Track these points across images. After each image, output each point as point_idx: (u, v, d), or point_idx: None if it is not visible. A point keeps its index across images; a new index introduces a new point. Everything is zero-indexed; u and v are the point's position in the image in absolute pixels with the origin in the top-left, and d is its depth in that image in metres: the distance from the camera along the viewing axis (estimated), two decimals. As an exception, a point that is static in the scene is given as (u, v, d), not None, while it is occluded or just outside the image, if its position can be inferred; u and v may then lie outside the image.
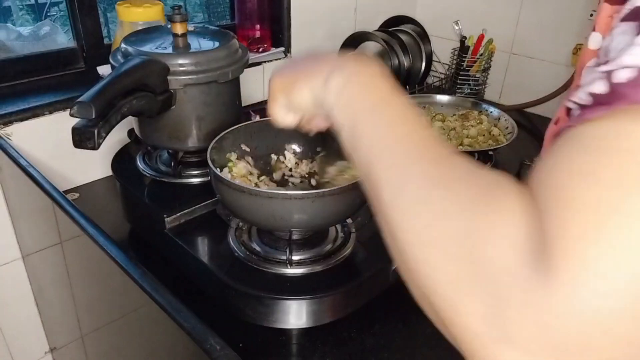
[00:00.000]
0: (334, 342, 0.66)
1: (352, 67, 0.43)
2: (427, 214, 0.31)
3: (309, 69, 0.46)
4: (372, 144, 0.37)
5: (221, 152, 0.76)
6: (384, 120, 0.38)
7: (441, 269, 0.29)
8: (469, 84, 1.36)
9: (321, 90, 0.44)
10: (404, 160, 0.34)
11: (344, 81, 0.42)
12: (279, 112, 0.52)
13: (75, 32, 1.05)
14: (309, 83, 0.46)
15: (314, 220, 0.66)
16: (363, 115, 0.39)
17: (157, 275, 0.61)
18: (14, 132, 0.91)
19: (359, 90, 0.41)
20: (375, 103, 0.39)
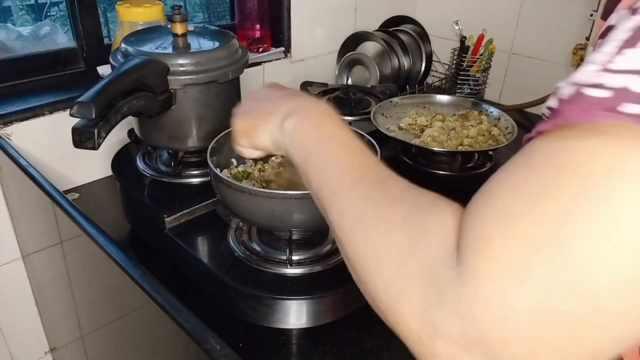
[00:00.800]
0: (334, 342, 0.66)
1: (302, 109, 0.48)
2: (364, 230, 0.35)
3: (266, 112, 0.51)
4: (319, 175, 0.42)
5: (221, 152, 0.76)
6: (329, 153, 0.43)
7: (379, 277, 0.33)
8: (469, 84, 1.35)
9: (278, 134, 0.48)
10: (344, 186, 0.39)
11: (295, 123, 0.47)
12: (243, 150, 0.56)
13: (75, 32, 1.05)
14: (266, 128, 0.50)
15: (314, 220, 0.66)
16: (311, 151, 0.44)
17: (157, 275, 0.61)
18: (14, 132, 0.91)
19: (308, 130, 0.46)
20: (321, 139, 0.44)
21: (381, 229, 0.34)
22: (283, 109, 0.49)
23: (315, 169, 0.43)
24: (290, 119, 0.47)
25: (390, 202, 0.35)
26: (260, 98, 0.54)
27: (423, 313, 0.29)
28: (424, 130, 1.05)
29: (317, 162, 0.43)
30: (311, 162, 0.43)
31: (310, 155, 0.44)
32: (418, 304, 0.29)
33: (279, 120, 0.48)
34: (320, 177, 0.42)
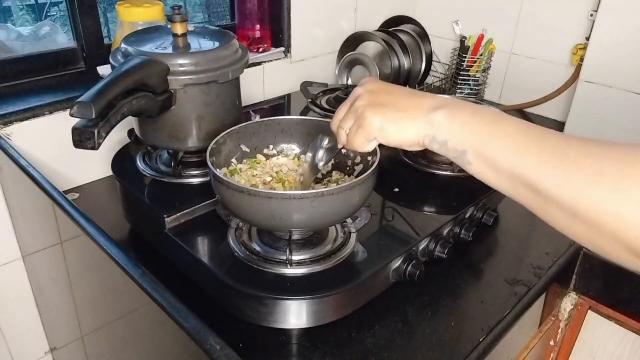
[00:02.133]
0: (334, 342, 0.66)
1: (448, 104, 0.49)
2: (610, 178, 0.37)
3: (407, 107, 0.51)
4: (510, 153, 0.43)
5: (221, 152, 0.76)
6: (510, 131, 0.44)
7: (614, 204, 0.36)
8: (469, 84, 1.36)
9: (428, 129, 0.49)
10: (554, 151, 0.41)
11: (448, 116, 0.48)
12: (363, 144, 0.56)
13: (75, 32, 1.05)
14: (413, 124, 0.50)
15: (313, 220, 0.66)
16: (485, 136, 0.45)
17: (157, 275, 0.61)
18: (14, 132, 0.91)
19: (467, 119, 0.47)
20: (491, 122, 0.45)
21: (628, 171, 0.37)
22: (425, 104, 0.50)
23: (500, 147, 0.44)
24: (440, 112, 0.48)
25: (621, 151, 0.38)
26: (385, 92, 0.54)
27: None
28: None
29: (500, 141, 0.44)
30: (491, 143, 0.44)
31: (487, 139, 0.45)
32: None
33: (424, 114, 0.49)
34: (511, 153, 0.43)
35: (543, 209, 0.42)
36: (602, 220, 0.38)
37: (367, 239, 0.75)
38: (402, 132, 0.51)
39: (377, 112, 0.53)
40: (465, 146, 0.46)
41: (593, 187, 0.38)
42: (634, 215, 0.36)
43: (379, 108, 0.53)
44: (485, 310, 0.74)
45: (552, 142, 0.41)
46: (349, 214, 0.71)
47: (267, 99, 1.30)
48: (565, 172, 0.39)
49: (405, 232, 0.79)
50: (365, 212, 0.79)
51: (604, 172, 0.37)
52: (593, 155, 0.39)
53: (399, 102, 0.52)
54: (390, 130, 0.52)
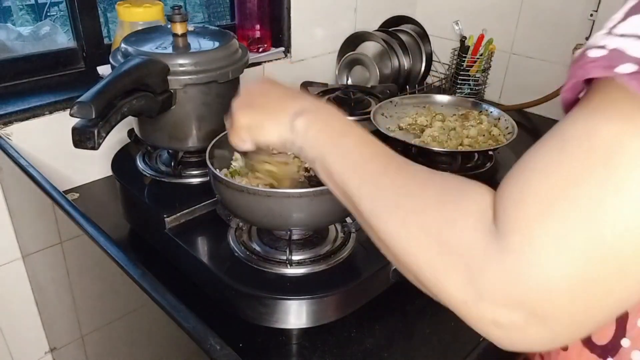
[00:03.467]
0: (334, 342, 0.66)
1: (312, 110, 0.50)
2: (401, 216, 0.38)
3: (273, 109, 0.52)
4: (342, 169, 0.44)
5: (221, 152, 0.76)
6: (348, 147, 0.45)
7: (421, 255, 0.36)
8: (469, 84, 1.35)
9: (288, 132, 0.50)
10: (372, 176, 0.42)
11: (307, 122, 0.49)
12: (240, 144, 0.57)
13: (75, 32, 1.05)
14: (274, 125, 0.52)
15: (313, 218, 0.66)
16: (329, 148, 0.46)
17: (157, 275, 0.61)
18: (14, 132, 0.91)
19: (322, 127, 0.48)
20: (338, 135, 0.47)
21: (417, 212, 0.37)
22: (291, 108, 0.51)
23: (335, 163, 0.45)
24: (301, 118, 0.49)
25: (421, 187, 0.39)
26: (260, 94, 0.55)
27: (468, 283, 0.32)
28: (424, 130, 1.05)
29: (336, 157, 0.45)
30: (330, 157, 0.45)
31: (329, 151, 0.46)
32: (462, 276, 0.33)
33: (288, 118, 0.50)
34: (342, 170, 0.44)
35: (366, 229, 0.43)
36: (389, 246, 0.39)
37: (367, 238, 0.74)
38: (267, 135, 0.52)
39: (245, 114, 0.55)
40: (315, 155, 0.47)
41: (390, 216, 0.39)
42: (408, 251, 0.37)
43: (247, 110, 0.55)
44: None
45: (376, 165, 0.42)
46: (349, 213, 0.71)
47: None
48: (374, 198, 0.40)
49: (405, 232, 0.79)
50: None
51: (400, 203, 0.38)
52: (400, 186, 0.39)
53: (268, 105, 0.53)
54: (255, 132, 0.54)
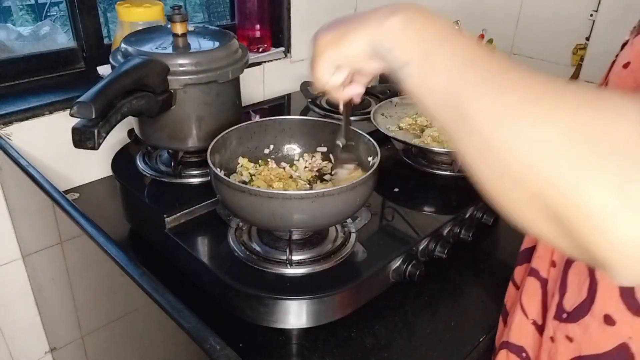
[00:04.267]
0: (334, 342, 0.66)
1: (409, 9, 0.43)
2: (532, 113, 0.32)
3: (360, 19, 0.46)
4: (453, 67, 0.37)
5: (221, 152, 0.76)
6: (460, 45, 0.38)
7: (562, 157, 0.30)
8: (469, 84, 1.35)
9: (378, 34, 0.43)
10: (496, 72, 0.35)
11: (404, 20, 0.42)
12: (325, 71, 0.49)
13: (75, 32, 1.05)
14: (364, 30, 0.45)
15: (314, 220, 0.66)
16: (436, 44, 0.39)
17: (157, 275, 0.61)
18: (14, 132, 0.91)
19: (424, 25, 0.41)
20: (446, 33, 0.40)
21: (559, 109, 0.31)
22: (381, 12, 0.44)
23: (444, 60, 0.38)
24: (395, 17, 0.42)
25: (557, 87, 0.33)
26: (347, 16, 0.48)
27: (617, 185, 0.28)
28: (424, 130, 1.05)
29: (445, 54, 0.38)
30: (435, 56, 0.39)
31: (434, 50, 0.39)
32: (614, 178, 0.28)
33: (378, 20, 0.43)
34: (454, 69, 0.37)
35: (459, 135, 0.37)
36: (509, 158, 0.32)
37: (367, 239, 0.75)
38: (352, 43, 0.46)
39: (326, 34, 0.49)
40: (410, 55, 0.41)
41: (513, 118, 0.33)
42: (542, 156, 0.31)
43: (328, 30, 0.49)
44: (485, 310, 0.74)
45: (497, 63, 0.36)
46: (350, 214, 0.71)
47: (267, 99, 1.30)
48: (497, 94, 0.34)
49: (405, 232, 0.79)
50: (365, 212, 0.79)
51: (533, 100, 0.32)
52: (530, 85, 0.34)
53: (354, 17, 0.47)
54: (339, 45, 0.47)
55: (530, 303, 0.56)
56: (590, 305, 0.47)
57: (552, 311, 0.51)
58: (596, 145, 0.29)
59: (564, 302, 0.50)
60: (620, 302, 0.45)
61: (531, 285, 0.56)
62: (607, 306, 0.46)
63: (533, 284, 0.56)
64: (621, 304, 0.45)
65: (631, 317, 0.44)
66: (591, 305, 0.47)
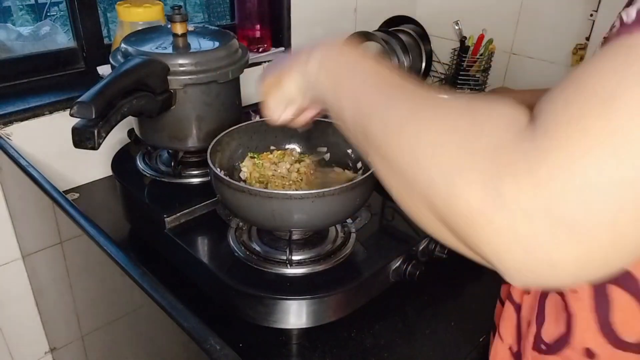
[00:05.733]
0: (334, 342, 0.66)
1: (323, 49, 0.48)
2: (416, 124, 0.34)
3: (293, 60, 0.51)
4: (354, 94, 0.41)
5: (221, 152, 0.76)
6: (361, 73, 0.42)
7: (435, 163, 0.31)
8: (469, 84, 1.35)
9: (304, 77, 0.49)
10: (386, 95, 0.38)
11: (318, 60, 0.47)
12: (275, 109, 0.55)
13: (75, 32, 1.05)
14: (292, 75, 0.51)
15: (314, 220, 0.66)
16: (341, 77, 0.44)
17: (157, 275, 0.61)
18: (14, 132, 0.91)
19: (335, 59, 0.46)
20: (353, 62, 0.44)
21: (438, 117, 0.33)
22: (304, 55, 0.49)
23: (348, 90, 0.42)
24: (313, 60, 0.48)
25: (442, 100, 0.35)
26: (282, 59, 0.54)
27: (490, 186, 0.28)
28: None
29: (349, 83, 0.43)
30: (343, 86, 0.43)
31: (341, 81, 0.44)
32: (482, 176, 0.28)
33: (302, 64, 0.49)
34: (355, 96, 0.41)
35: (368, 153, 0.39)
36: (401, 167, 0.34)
37: (367, 239, 0.75)
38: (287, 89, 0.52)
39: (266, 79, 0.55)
40: (327, 88, 0.45)
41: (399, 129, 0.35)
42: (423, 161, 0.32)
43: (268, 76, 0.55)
44: (485, 310, 0.74)
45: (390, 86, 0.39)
46: (350, 214, 0.71)
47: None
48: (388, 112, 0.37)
49: (405, 232, 0.79)
50: (365, 212, 0.79)
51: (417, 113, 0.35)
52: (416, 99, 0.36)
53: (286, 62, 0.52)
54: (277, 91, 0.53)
55: (506, 327, 0.54)
56: (568, 338, 0.46)
57: (530, 342, 0.50)
58: (466, 149, 0.30)
59: (542, 333, 0.49)
60: (599, 336, 0.44)
61: (508, 309, 0.54)
62: (586, 339, 0.45)
63: (509, 308, 0.54)
64: (600, 337, 0.44)
65: (612, 349, 0.43)
66: (569, 338, 0.46)
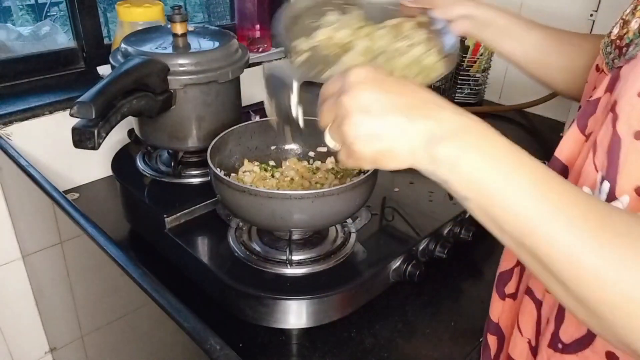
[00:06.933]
0: (334, 342, 0.66)
1: (457, 132, 0.38)
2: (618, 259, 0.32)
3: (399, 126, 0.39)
4: (521, 214, 0.35)
5: (221, 152, 0.76)
6: (522, 187, 0.36)
7: None
8: (469, 84, 1.35)
9: (427, 162, 0.38)
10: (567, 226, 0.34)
11: (454, 152, 0.37)
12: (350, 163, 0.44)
13: (75, 32, 1.05)
14: (407, 152, 0.39)
15: (314, 220, 0.66)
16: (494, 188, 0.36)
17: (157, 275, 0.61)
18: (14, 132, 0.91)
19: (478, 160, 0.37)
20: (506, 170, 0.36)
21: None
22: (427, 124, 0.38)
23: (510, 207, 0.36)
24: (445, 145, 0.37)
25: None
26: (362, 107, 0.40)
27: None
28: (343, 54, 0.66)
29: (510, 199, 0.36)
30: (501, 200, 0.36)
31: (496, 193, 0.36)
32: None
33: (424, 142, 0.38)
34: (521, 218, 0.35)
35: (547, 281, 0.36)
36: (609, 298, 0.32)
37: (367, 239, 0.75)
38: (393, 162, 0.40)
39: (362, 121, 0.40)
40: (471, 195, 0.37)
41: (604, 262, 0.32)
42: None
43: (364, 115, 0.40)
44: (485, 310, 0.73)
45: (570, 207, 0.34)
46: (350, 214, 0.71)
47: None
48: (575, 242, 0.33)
49: (405, 232, 0.79)
50: (365, 212, 0.79)
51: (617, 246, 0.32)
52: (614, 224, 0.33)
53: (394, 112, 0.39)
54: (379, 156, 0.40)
55: (526, 322, 0.54)
56: (591, 340, 0.46)
57: (546, 339, 0.50)
58: None
59: (560, 333, 0.48)
60: None
61: (528, 304, 0.54)
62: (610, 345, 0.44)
63: (529, 304, 0.54)
64: None
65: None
66: (592, 340, 0.46)
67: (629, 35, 0.47)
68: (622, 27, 0.49)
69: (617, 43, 0.49)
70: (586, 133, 0.48)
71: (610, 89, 0.45)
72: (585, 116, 0.48)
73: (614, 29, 0.51)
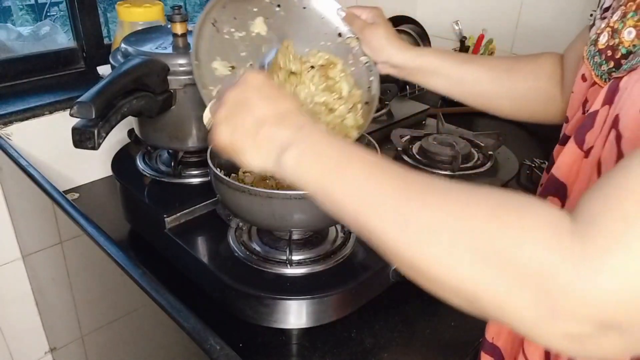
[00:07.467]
0: (334, 342, 0.66)
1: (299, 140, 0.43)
2: (444, 239, 0.34)
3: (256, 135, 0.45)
4: (354, 202, 0.39)
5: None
6: (355, 177, 0.40)
7: (479, 280, 0.32)
8: (469, 84, 1.35)
9: (275, 167, 0.45)
10: (395, 202, 0.37)
11: (296, 157, 0.43)
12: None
13: (75, 32, 1.05)
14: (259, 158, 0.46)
15: (314, 220, 0.66)
16: (330, 181, 0.41)
17: (157, 275, 0.61)
18: (14, 132, 0.91)
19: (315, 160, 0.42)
20: (337, 166, 0.41)
21: (467, 233, 0.33)
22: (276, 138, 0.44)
23: (344, 196, 0.40)
24: (289, 153, 0.43)
25: (464, 205, 0.34)
26: (240, 102, 0.47)
27: (540, 301, 0.30)
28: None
29: (343, 189, 0.40)
30: (335, 191, 0.40)
31: (331, 185, 0.41)
32: (533, 295, 0.30)
33: (273, 152, 0.44)
34: (358, 200, 0.39)
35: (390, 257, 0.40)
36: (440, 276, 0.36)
37: (367, 239, 0.75)
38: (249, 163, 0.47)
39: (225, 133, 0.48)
40: (314, 189, 0.42)
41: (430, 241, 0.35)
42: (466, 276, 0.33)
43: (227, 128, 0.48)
44: (485, 310, 0.73)
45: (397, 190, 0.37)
46: (349, 214, 0.71)
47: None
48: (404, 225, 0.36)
49: (405, 232, 0.79)
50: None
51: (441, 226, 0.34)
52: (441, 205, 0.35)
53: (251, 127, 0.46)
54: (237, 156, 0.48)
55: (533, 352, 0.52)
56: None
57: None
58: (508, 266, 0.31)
59: None
60: None
61: None
62: None
63: None
64: None
65: None
66: None
67: (624, 46, 0.45)
68: (611, 36, 0.47)
69: (607, 53, 0.47)
70: (585, 149, 0.46)
71: (608, 101, 0.43)
72: (583, 131, 0.46)
73: (601, 37, 0.49)
